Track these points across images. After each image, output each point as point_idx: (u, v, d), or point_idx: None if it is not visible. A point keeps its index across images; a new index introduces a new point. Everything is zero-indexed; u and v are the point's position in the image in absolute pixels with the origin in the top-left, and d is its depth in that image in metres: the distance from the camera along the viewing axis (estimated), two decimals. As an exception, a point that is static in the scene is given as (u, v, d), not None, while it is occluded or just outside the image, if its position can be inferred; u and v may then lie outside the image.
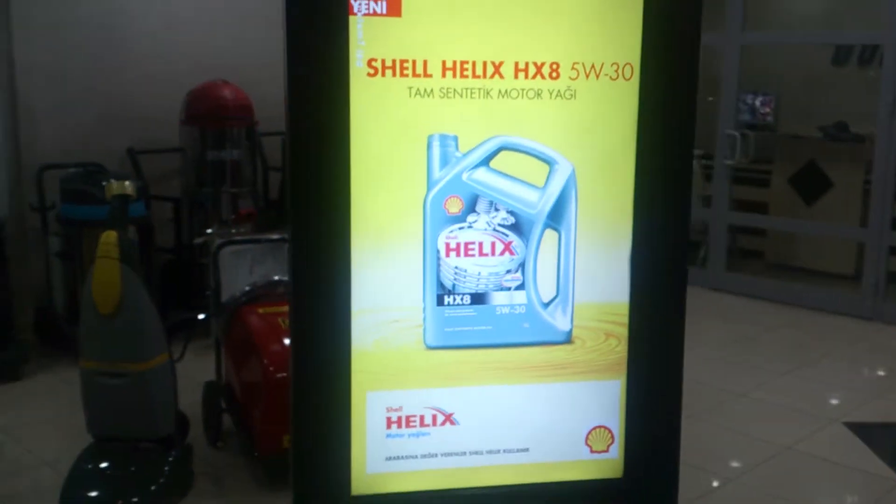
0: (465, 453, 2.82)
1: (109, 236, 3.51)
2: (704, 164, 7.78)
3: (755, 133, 7.80)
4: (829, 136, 7.76)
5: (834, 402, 4.96)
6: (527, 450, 2.85)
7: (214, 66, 5.90)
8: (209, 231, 5.59)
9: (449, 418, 2.80)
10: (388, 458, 2.77)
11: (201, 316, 4.57)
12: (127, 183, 3.82)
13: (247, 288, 4.22)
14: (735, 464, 4.15)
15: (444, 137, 2.62)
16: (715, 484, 3.95)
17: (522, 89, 2.62)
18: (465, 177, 2.65)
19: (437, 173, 2.64)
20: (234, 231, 5.49)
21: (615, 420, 2.90)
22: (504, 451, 2.85)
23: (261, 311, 4.07)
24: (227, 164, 5.79)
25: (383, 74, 2.55)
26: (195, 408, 4.24)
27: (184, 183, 5.99)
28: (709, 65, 7.57)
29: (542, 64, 2.62)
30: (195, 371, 4.42)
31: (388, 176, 2.62)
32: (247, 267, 4.48)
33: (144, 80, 6.03)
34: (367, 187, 2.59)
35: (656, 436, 2.91)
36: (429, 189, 2.65)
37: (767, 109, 8.72)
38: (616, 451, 2.90)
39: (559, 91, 2.64)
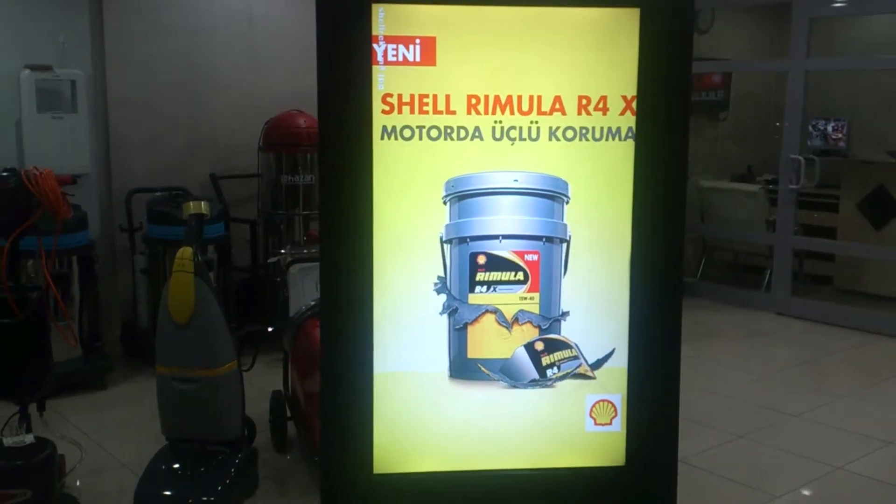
0: (478, 437, 3.03)
1: (185, 252, 3.74)
2: (771, 188, 7.79)
3: (825, 158, 7.79)
4: (900, 162, 7.69)
5: (892, 424, 4.91)
6: (537, 435, 3.05)
7: (292, 96, 6.16)
8: (282, 251, 5.90)
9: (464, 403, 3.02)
10: (408, 440, 3.00)
11: (270, 328, 4.82)
12: (203, 203, 4.08)
13: (312, 302, 4.45)
14: (784, 482, 4.16)
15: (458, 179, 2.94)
16: (762, 501, 3.97)
17: (533, 122, 2.91)
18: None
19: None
20: (305, 251, 5.78)
21: (619, 397, 3.11)
22: (516, 435, 3.04)
23: (324, 324, 4.29)
24: (300, 188, 6.07)
25: (400, 112, 2.87)
26: (264, 416, 4.48)
27: (260, 206, 6.30)
28: (781, 91, 7.64)
29: (554, 101, 2.92)
30: (266, 381, 4.68)
31: (407, 184, 2.92)
32: (313, 283, 4.73)
33: (228, 111, 6.41)
34: (388, 195, 2.89)
35: (657, 423, 3.09)
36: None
37: (839, 135, 8.67)
38: (619, 425, 3.07)
39: (569, 127, 2.93)
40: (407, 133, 2.87)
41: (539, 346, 3.00)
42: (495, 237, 2.95)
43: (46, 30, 5.65)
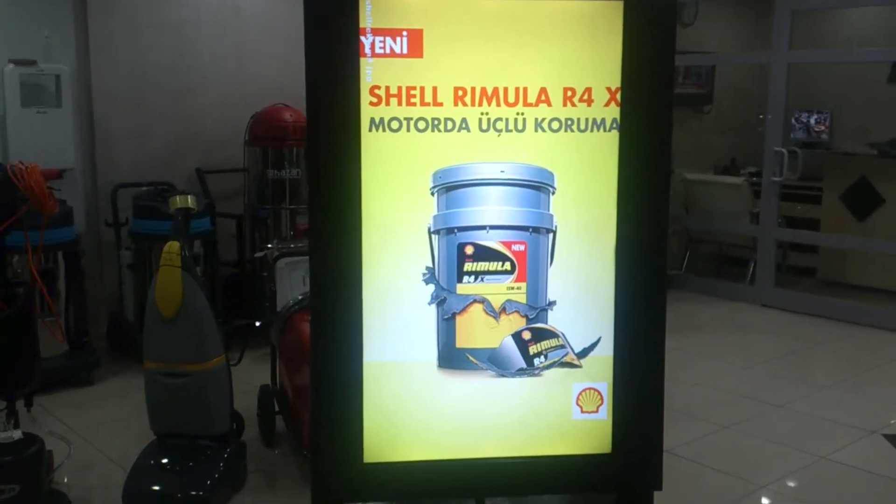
0: (467, 426, 3.04)
1: (172, 246, 3.75)
2: (754, 181, 7.84)
3: (808, 151, 7.85)
4: (882, 153, 7.75)
5: (875, 414, 4.96)
6: (524, 424, 3.07)
7: (279, 91, 6.19)
8: (269, 246, 5.91)
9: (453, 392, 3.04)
10: (398, 429, 3.02)
11: (258, 323, 4.82)
12: (189, 197, 4.09)
13: (299, 297, 4.46)
14: (768, 471, 4.21)
15: (445, 170, 2.95)
16: (747, 490, 4.02)
17: (519, 114, 2.93)
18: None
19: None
20: (292, 246, 5.79)
21: (605, 385, 3.12)
22: (504, 423, 3.06)
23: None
24: (286, 182, 6.07)
25: (388, 103, 2.88)
26: (252, 410, 4.50)
27: (246, 201, 6.30)
28: (764, 84, 7.69)
29: (539, 93, 2.94)
30: (253, 376, 4.69)
31: (395, 175, 2.92)
32: (300, 278, 4.74)
33: (213, 106, 6.41)
34: (377, 186, 2.91)
35: (642, 408, 3.11)
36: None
37: (822, 127, 8.74)
38: (605, 413, 3.10)
39: (554, 118, 2.95)
40: (394, 125, 2.89)
41: (526, 335, 3.02)
42: (482, 228, 2.96)
43: (31, 24, 5.64)
